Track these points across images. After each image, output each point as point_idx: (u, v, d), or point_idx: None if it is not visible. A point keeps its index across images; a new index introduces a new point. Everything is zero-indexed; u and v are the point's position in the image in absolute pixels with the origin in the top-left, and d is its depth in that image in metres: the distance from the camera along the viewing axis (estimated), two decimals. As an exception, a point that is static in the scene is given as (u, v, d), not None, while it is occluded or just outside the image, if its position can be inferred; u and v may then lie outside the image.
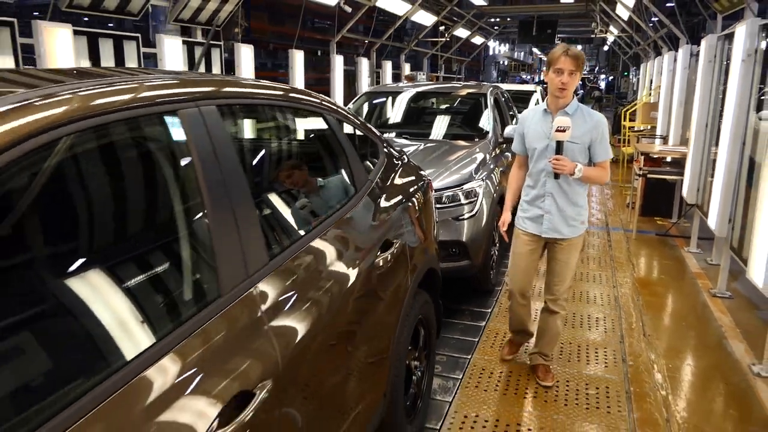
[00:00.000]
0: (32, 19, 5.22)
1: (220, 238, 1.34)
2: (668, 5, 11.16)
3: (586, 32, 25.36)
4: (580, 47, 8.71)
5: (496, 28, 24.08)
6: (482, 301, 4.21)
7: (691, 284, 4.59)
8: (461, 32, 18.90)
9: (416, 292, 2.42)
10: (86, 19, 7.08)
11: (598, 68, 43.27)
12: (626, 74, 28.00)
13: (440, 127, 5.36)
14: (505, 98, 6.12)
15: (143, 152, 1.35)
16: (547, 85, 2.77)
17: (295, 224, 1.89)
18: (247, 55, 8.07)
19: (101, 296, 1.11)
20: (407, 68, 15.31)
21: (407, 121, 5.52)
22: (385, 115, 5.73)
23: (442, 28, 16.67)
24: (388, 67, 13.70)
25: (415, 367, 2.53)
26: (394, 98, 5.76)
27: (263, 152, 2.17)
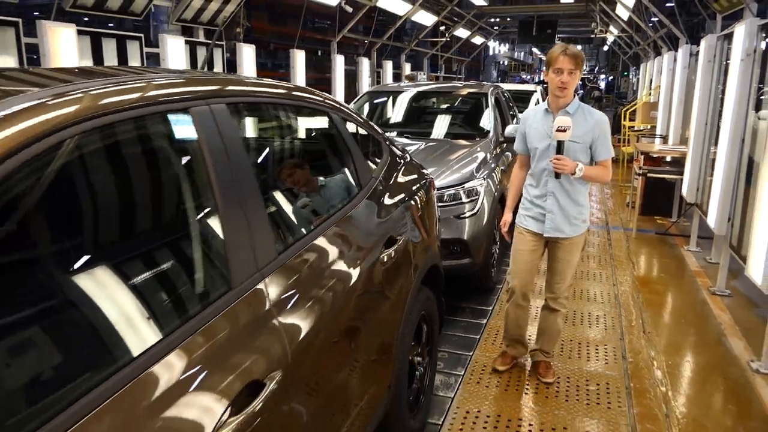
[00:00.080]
0: (33, 18, 5.24)
1: (230, 233, 1.38)
2: (668, 5, 11.20)
3: (585, 32, 25.37)
4: (579, 47, 8.72)
5: (496, 28, 24.10)
6: (483, 298, 4.24)
7: (690, 282, 4.62)
8: (461, 32, 18.92)
9: (419, 288, 2.45)
10: (86, 19, 7.09)
11: (598, 68, 43.23)
12: (626, 74, 28.05)
13: (441, 126, 5.38)
14: (505, 98, 6.15)
15: (157, 149, 1.38)
16: (547, 85, 2.79)
17: (301, 221, 1.92)
18: (248, 54, 8.11)
19: (120, 291, 1.14)
20: (408, 68, 15.33)
21: (408, 120, 5.54)
22: (386, 114, 5.75)
23: (442, 28, 16.69)
24: (388, 67, 13.73)
25: (418, 362, 2.55)
26: (395, 98, 5.78)
27: (271, 150, 2.20)
